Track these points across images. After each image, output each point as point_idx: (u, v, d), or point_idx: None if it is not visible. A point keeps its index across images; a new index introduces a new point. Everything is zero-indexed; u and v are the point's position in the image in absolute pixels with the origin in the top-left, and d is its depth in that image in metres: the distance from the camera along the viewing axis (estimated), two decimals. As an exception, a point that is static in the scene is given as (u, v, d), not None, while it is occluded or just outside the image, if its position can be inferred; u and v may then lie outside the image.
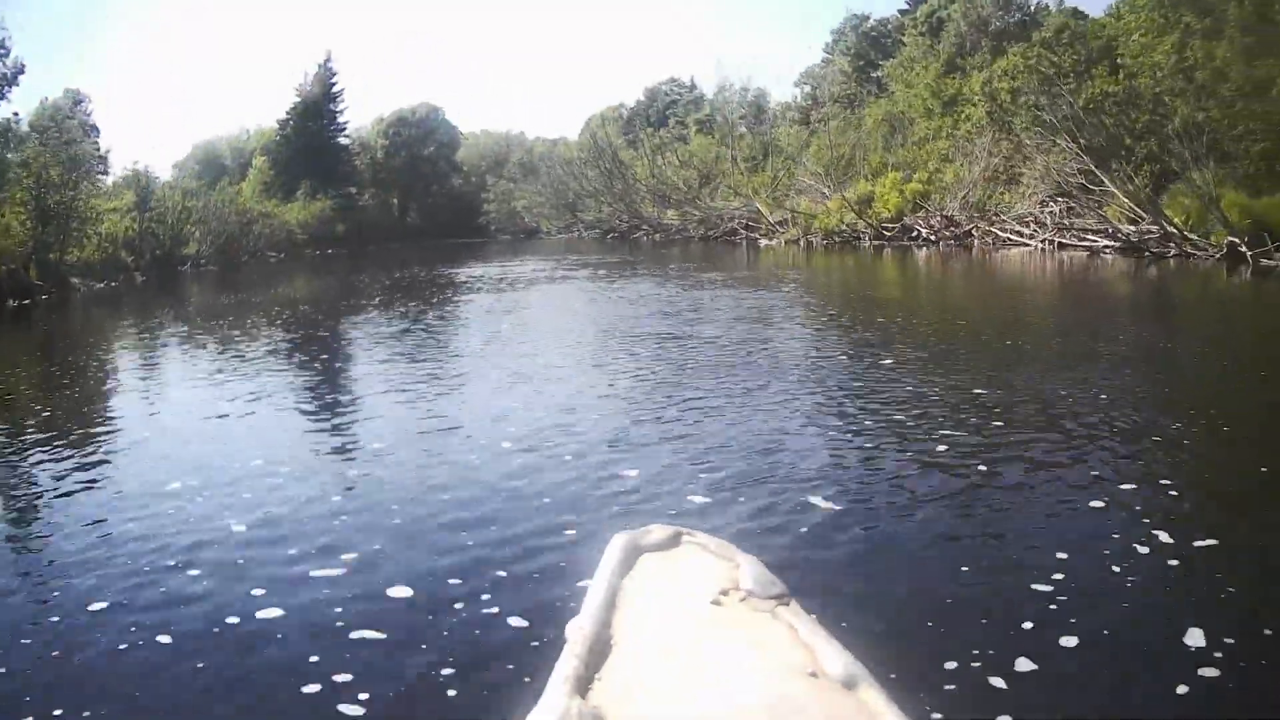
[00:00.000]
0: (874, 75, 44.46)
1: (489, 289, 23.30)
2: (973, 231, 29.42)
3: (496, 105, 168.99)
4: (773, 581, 3.01)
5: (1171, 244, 22.97)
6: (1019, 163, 29.38)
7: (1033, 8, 36.73)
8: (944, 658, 3.48)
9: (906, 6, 46.51)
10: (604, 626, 2.74)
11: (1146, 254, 23.70)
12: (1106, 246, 25.41)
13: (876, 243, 32.63)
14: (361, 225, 73.01)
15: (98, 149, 48.55)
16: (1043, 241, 27.30)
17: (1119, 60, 28.03)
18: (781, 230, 38.54)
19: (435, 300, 21.54)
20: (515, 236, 74.08)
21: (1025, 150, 28.47)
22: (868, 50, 47.93)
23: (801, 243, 35.93)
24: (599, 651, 2.62)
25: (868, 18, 52.28)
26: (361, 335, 15.27)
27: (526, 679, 3.26)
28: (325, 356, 13.27)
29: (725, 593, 2.95)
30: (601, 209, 60.92)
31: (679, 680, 2.48)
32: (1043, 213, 27.66)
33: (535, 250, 49.07)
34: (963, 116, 34.22)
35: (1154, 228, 23.45)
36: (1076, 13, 35.14)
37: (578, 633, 2.69)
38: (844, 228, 34.17)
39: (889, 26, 48.73)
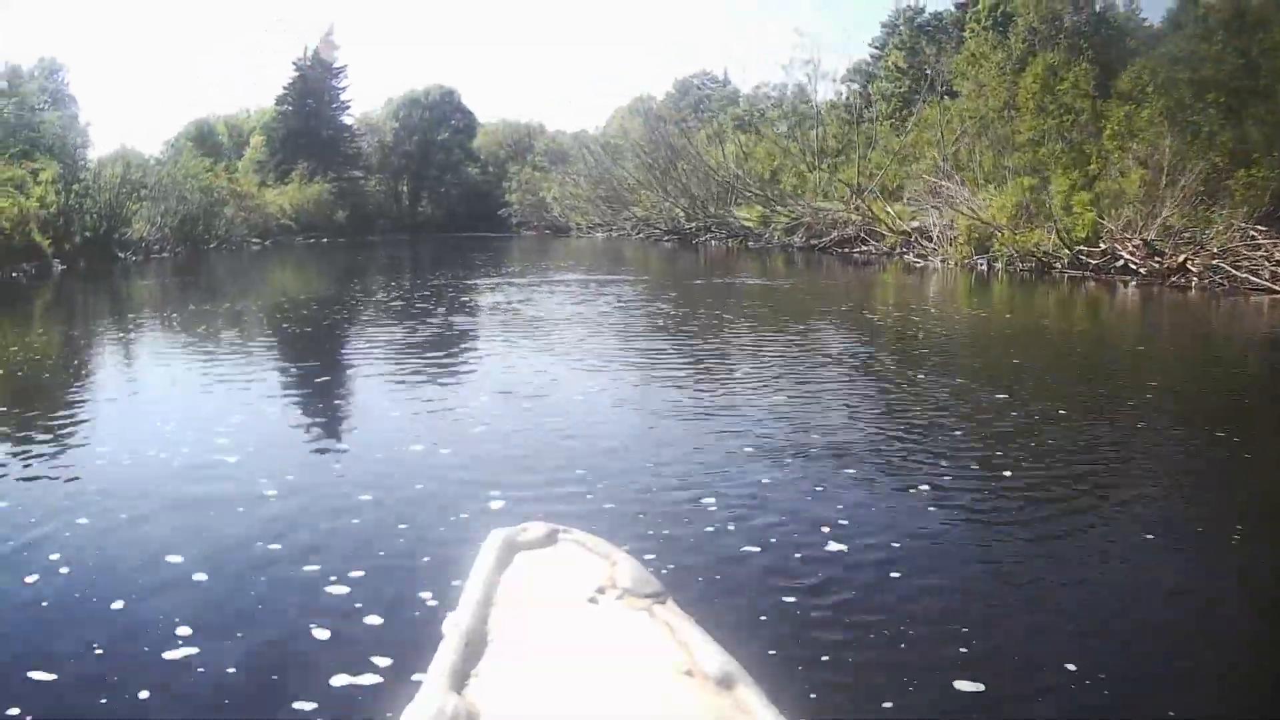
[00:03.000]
0: (927, 71, 39.11)
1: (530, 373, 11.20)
2: (1187, 265, 20.79)
3: (512, 97, 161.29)
4: (649, 580, 3.04)
5: None
6: (1215, 177, 21.78)
7: (1099, 7, 33.89)
8: (820, 656, 3.53)
9: (962, 1, 43.02)
10: (480, 623, 2.75)
11: None
12: None
13: (1071, 272, 22.88)
14: (365, 212, 65.97)
15: (75, 120, 42.79)
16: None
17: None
18: (933, 247, 27.90)
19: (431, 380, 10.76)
20: (541, 233, 65.66)
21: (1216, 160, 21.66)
22: (923, 45, 43.57)
23: (978, 267, 25.38)
24: (475, 648, 2.63)
25: (922, 10, 46.92)
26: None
27: (403, 675, 3.20)
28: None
29: (602, 591, 2.96)
30: (659, 204, 49.76)
31: (555, 678, 2.49)
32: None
33: (572, 255, 39.59)
34: (1120, 117, 27.09)
35: None
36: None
37: (454, 629, 2.68)
38: (1034, 250, 24.08)
39: (944, 20, 45.01)
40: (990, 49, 32.92)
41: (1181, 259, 20.65)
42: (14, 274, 25.65)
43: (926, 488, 5.69)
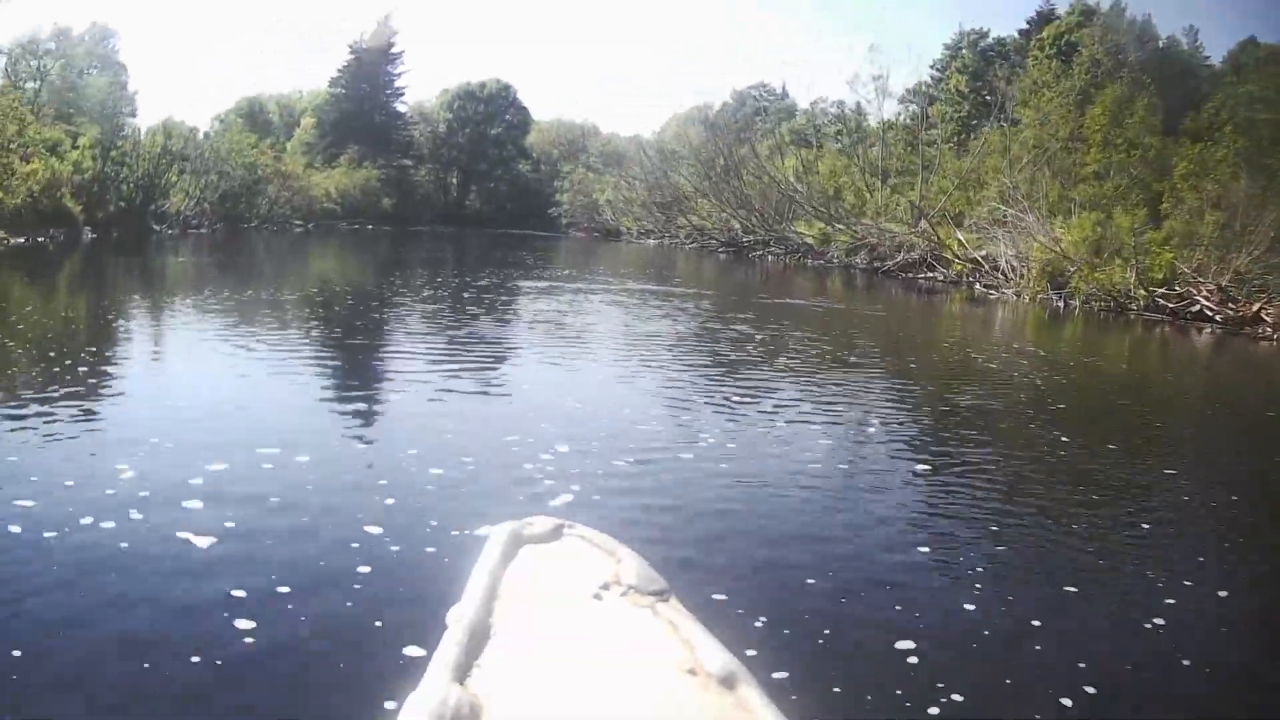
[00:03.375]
0: (986, 97, 38.69)
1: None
2: (1261, 315, 18.73)
3: (566, 96, 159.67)
4: (654, 577, 3.00)
5: None
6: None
7: (1161, 44, 34.19)
8: (822, 656, 3.55)
9: (1026, 26, 42.85)
10: (484, 616, 2.72)
11: None
12: None
13: (1148, 315, 20.92)
14: (412, 202, 64.80)
15: (123, 87, 42.21)
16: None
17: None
18: (1002, 277, 25.63)
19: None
20: (590, 235, 64.95)
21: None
22: (993, 70, 42.35)
23: (1053, 303, 23.03)
24: (478, 640, 2.60)
25: (986, 34, 46.01)
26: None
27: (406, 665, 3.24)
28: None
29: (606, 587, 2.93)
30: (716, 214, 48.14)
31: (558, 672, 2.48)
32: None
33: (624, 261, 38.47)
34: (1193, 155, 26.10)
35: None
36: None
37: (457, 621, 2.65)
38: (1112, 290, 21.78)
39: (1007, 46, 44.41)
40: (1054, 78, 32.35)
41: (1256, 308, 18.93)
42: (40, 239, 24.31)
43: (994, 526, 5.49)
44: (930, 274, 29.49)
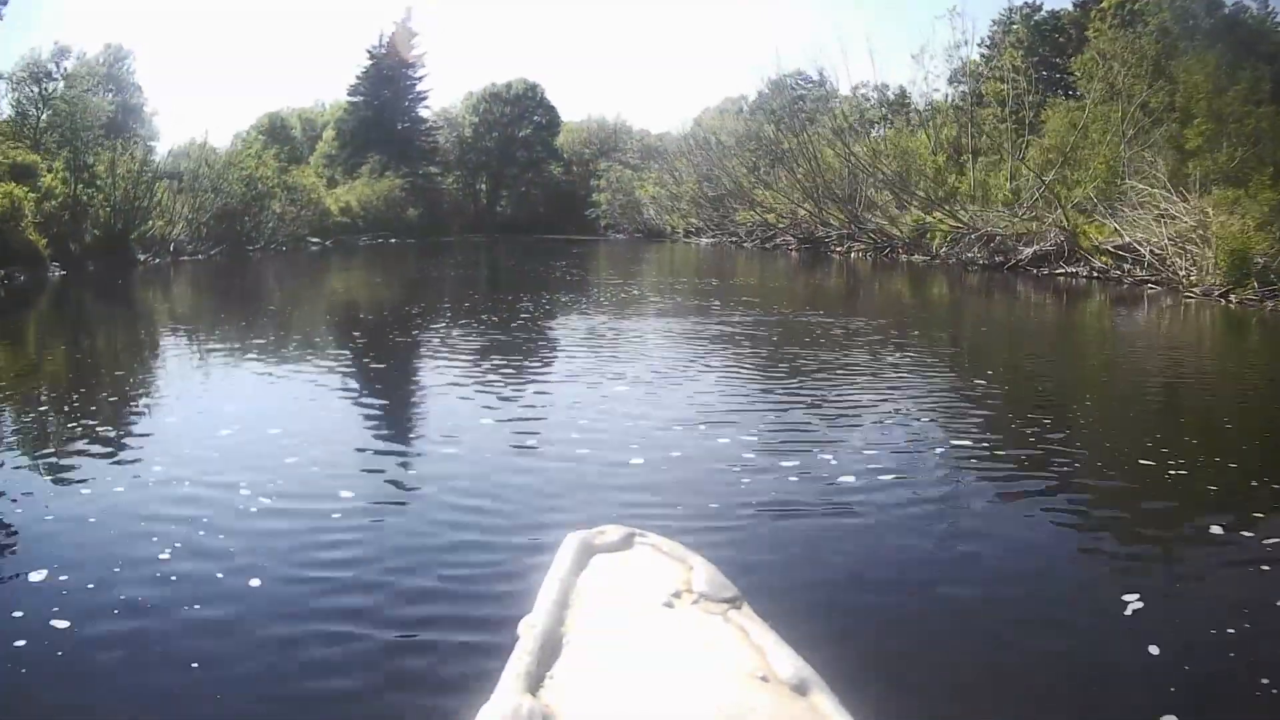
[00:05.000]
0: (1043, 74, 36.58)
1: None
2: None
3: (591, 94, 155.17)
4: (725, 584, 3.00)
5: None
6: None
7: (1228, 8, 31.27)
8: (894, 663, 3.50)
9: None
10: (556, 625, 2.73)
11: None
12: None
13: None
14: (440, 211, 61.16)
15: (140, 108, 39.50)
16: None
17: None
18: (1175, 273, 20.41)
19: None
20: (632, 237, 60.28)
21: None
22: (1038, 44, 40.80)
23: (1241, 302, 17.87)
24: (550, 649, 2.61)
25: (1039, 7, 42.68)
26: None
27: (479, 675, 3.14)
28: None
29: (678, 594, 2.93)
30: (779, 206, 42.15)
31: (630, 681, 2.48)
32: None
33: (678, 267, 33.18)
34: None
35: None
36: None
37: (529, 630, 2.67)
38: None
39: (1061, 20, 41.75)
40: (1121, 49, 29.93)
41: None
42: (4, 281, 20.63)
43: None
44: (1069, 268, 24.09)
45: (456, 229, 60.75)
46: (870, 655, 3.53)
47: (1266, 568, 4.53)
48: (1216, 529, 4.99)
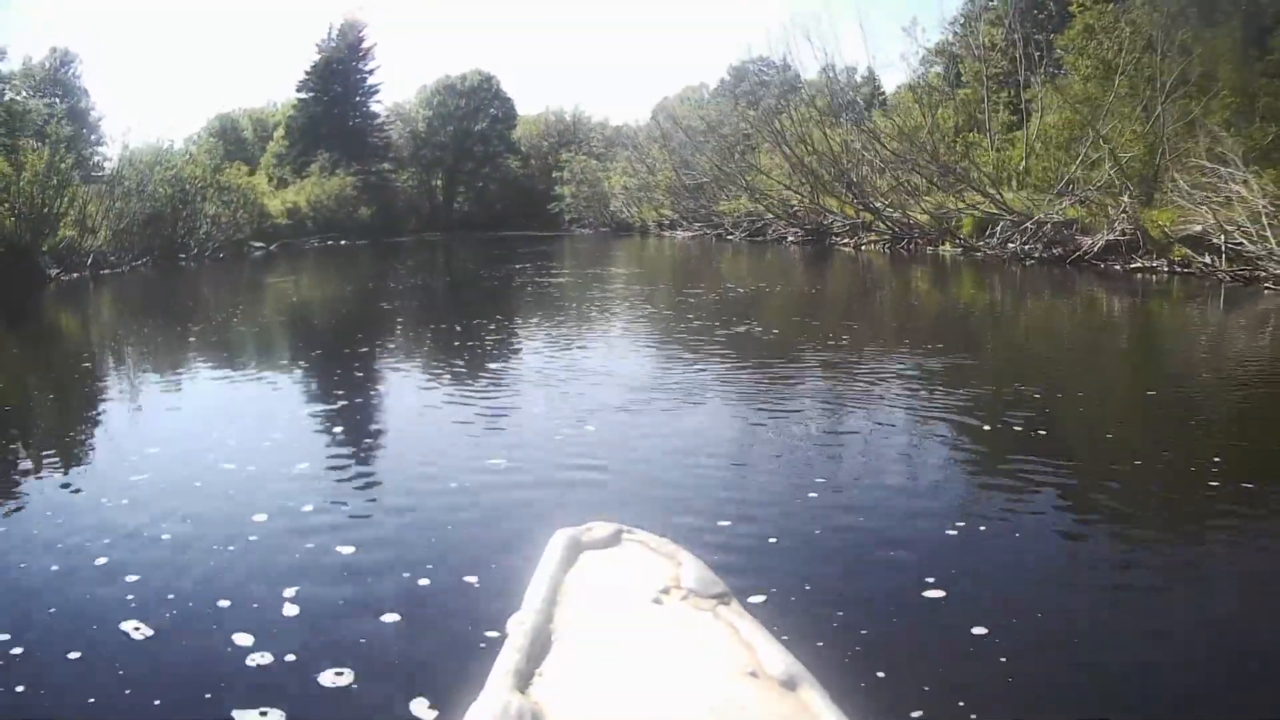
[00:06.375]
0: (1026, 51, 34.14)
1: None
2: None
3: (546, 85, 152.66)
4: (714, 580, 3.00)
5: None
6: None
7: None
8: (884, 659, 3.47)
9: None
10: (545, 622, 2.72)
11: None
12: None
13: None
14: (394, 210, 59.19)
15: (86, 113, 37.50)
16: None
17: None
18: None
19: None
20: (599, 231, 57.48)
21: None
22: (1018, 21, 38.20)
23: None
24: (540, 647, 2.60)
25: None
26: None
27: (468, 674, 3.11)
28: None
29: (666, 591, 2.93)
30: (777, 194, 37.88)
31: (620, 678, 2.48)
32: None
33: (657, 268, 29.32)
34: None
35: None
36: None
37: (518, 627, 2.66)
38: None
39: None
40: (1111, 22, 28.44)
41: None
42: None
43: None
44: (1143, 262, 20.35)
45: (412, 227, 58.87)
46: (860, 650, 3.51)
47: None
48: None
